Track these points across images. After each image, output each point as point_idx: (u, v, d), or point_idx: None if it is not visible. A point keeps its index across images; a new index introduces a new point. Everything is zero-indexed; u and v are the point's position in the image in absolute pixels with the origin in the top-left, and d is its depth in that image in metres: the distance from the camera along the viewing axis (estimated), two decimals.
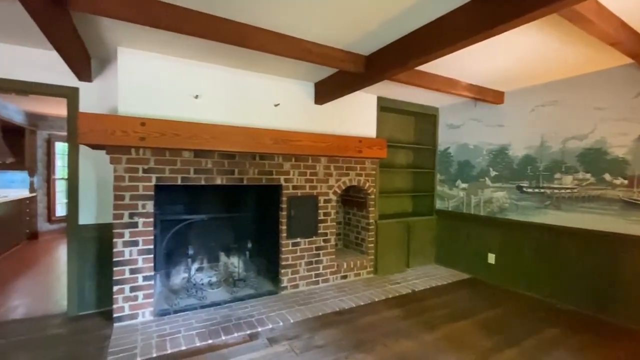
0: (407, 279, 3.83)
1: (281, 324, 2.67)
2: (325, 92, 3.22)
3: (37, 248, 5.20)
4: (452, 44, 1.92)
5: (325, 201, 3.48)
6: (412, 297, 3.35)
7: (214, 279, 3.39)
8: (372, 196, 3.83)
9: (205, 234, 3.41)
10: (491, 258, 3.79)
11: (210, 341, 2.38)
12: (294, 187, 3.28)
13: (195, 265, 3.38)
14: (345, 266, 3.66)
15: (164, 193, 2.82)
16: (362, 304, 3.11)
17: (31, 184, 5.68)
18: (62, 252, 4.99)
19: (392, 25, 2.10)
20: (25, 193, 5.51)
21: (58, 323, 2.67)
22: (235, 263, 3.51)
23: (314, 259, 3.44)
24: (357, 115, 3.70)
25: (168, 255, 3.22)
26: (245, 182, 3.02)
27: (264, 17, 2.02)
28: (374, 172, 3.81)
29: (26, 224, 5.49)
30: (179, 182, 2.73)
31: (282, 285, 3.28)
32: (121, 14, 1.72)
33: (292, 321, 2.72)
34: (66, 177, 6.07)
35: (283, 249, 3.28)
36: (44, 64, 2.63)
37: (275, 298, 3.17)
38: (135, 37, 2.32)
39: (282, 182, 3.21)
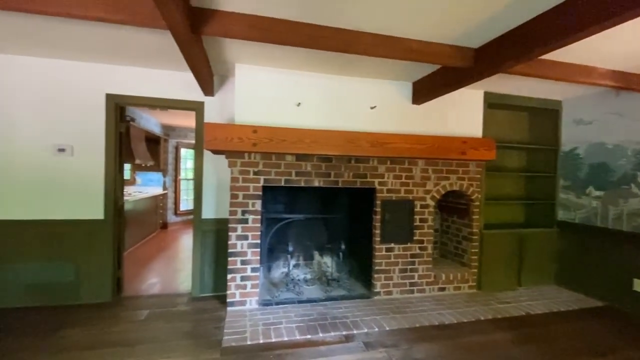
0: (519, 299, 3.34)
1: (376, 329, 2.62)
2: (424, 91, 3.06)
3: (167, 236, 6.29)
4: (596, 23, 1.60)
5: (422, 206, 3.30)
6: (527, 320, 2.90)
7: (308, 276, 3.54)
8: (477, 203, 3.47)
9: (302, 233, 3.60)
10: (638, 285, 3.03)
11: (308, 336, 2.48)
12: (389, 191, 3.20)
13: (293, 262, 3.59)
14: (443, 278, 3.40)
15: (268, 193, 3.09)
16: (465, 320, 2.84)
17: (164, 183, 6.92)
18: (185, 241, 5.92)
19: (509, 11, 1.87)
20: (159, 190, 6.73)
21: (184, 301, 3.16)
22: (328, 263, 3.61)
23: (408, 267, 3.30)
24: (460, 113, 3.41)
25: (269, 251, 3.50)
26: (340, 185, 3.08)
27: (368, 21, 2.03)
28: (479, 176, 3.45)
29: (160, 216, 6.70)
30: (282, 184, 2.95)
31: (375, 290, 3.23)
32: (246, 35, 1.94)
33: (387, 328, 2.65)
34: (190, 177, 7.14)
35: (376, 254, 3.23)
36: (179, 83, 3.16)
37: (367, 302, 3.14)
38: (250, 53, 2.59)
39: (377, 185, 3.17)
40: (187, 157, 7.54)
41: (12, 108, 2.87)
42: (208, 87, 2.98)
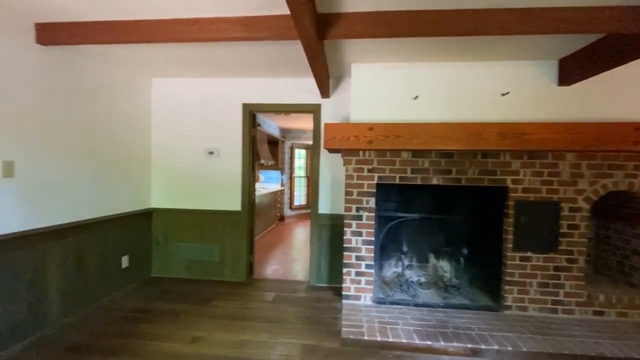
0: None
1: (509, 348, 2.29)
2: (577, 69, 2.50)
3: (284, 228, 6.96)
4: None
5: (572, 210, 2.71)
6: None
7: (423, 279, 3.36)
8: None
9: (416, 233, 3.43)
10: None
11: (429, 342, 2.35)
12: (525, 190, 2.75)
13: (406, 262, 3.47)
14: (601, 299, 2.73)
15: (381, 191, 3.06)
16: (637, 357, 2.21)
17: (281, 180, 7.68)
18: (299, 233, 6.44)
19: None
20: (277, 187, 7.50)
21: (303, 289, 3.42)
22: (445, 267, 3.35)
23: (550, 281, 2.77)
24: (631, 92, 2.67)
25: (381, 249, 3.47)
26: (463, 183, 2.81)
27: None
28: None
29: (277, 210, 7.46)
30: (397, 181, 2.87)
31: (505, 303, 2.83)
32: (369, 32, 1.96)
33: (524, 349, 2.28)
34: (302, 175, 7.68)
35: (508, 262, 2.82)
36: (299, 89, 3.43)
37: (495, 316, 2.77)
38: (366, 51, 2.61)
39: (509, 184, 2.76)
40: (300, 156, 8.17)
41: (176, 120, 3.63)
42: (325, 90, 3.13)
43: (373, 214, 2.92)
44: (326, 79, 2.99)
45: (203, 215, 3.61)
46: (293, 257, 4.72)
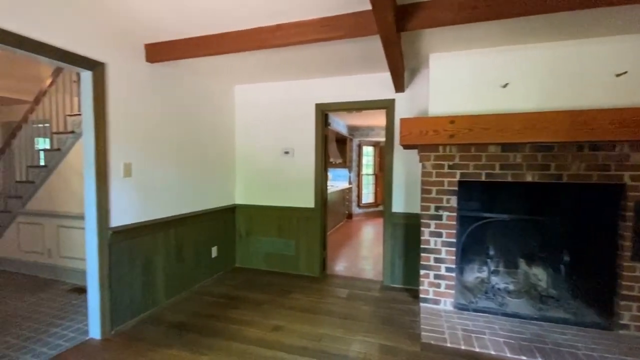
0: None
1: None
2: None
3: (352, 226, 6.97)
4: None
5: None
6: None
7: (511, 287, 3.03)
8: None
9: (504, 235, 3.11)
10: None
11: (523, 358, 2.11)
12: None
13: (491, 267, 3.17)
14: None
15: (463, 189, 2.84)
16: None
17: (349, 178, 7.70)
18: (368, 231, 6.39)
19: None
20: (345, 185, 7.54)
21: (377, 288, 3.37)
22: (539, 275, 2.97)
23: None
24: None
25: (462, 251, 3.23)
26: (565, 180, 2.45)
27: None
28: None
29: (345, 208, 7.50)
30: (483, 179, 2.64)
31: (621, 321, 2.40)
32: (454, 19, 1.83)
33: None
34: (370, 173, 7.58)
35: (624, 274, 2.38)
36: (371, 85, 3.37)
37: (606, 335, 2.37)
38: (447, 40, 2.44)
39: (627, 181, 2.32)
40: (368, 154, 8.08)
41: (256, 123, 3.89)
42: (400, 84, 3.03)
43: (454, 214, 2.74)
44: (401, 72, 2.88)
45: (280, 212, 3.81)
46: (363, 255, 4.69)
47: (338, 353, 2.21)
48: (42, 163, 3.83)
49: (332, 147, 6.50)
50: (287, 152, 3.73)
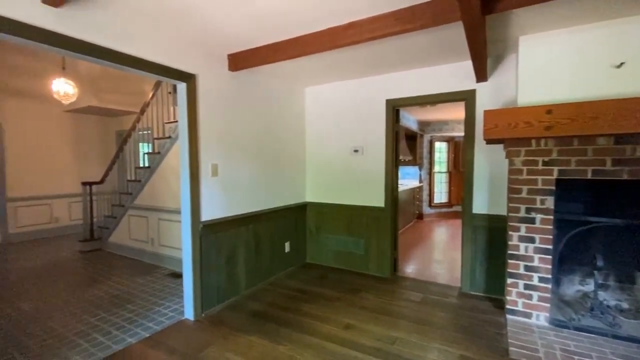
0: None
1: None
2: None
3: (423, 227, 6.63)
4: None
5: None
6: None
7: (625, 305, 2.54)
8: None
9: (616, 243, 2.61)
10: None
11: None
12: None
13: (599, 280, 2.70)
14: None
15: (562, 188, 2.46)
16: None
17: (419, 176, 7.34)
18: (441, 232, 6.01)
19: None
20: (415, 183, 7.21)
21: (455, 294, 3.14)
22: None
23: None
24: None
25: (560, 260, 2.81)
26: None
27: None
28: None
29: (415, 207, 7.17)
30: (589, 176, 2.25)
31: None
32: None
33: None
34: (444, 170, 7.11)
35: None
36: (447, 76, 3.15)
37: None
38: (542, 19, 2.14)
39: None
40: (440, 150, 7.60)
41: (325, 123, 3.96)
42: (482, 73, 2.76)
43: (550, 217, 2.40)
44: (484, 59, 2.63)
45: (349, 210, 3.81)
46: (436, 258, 4.43)
47: (413, 359, 2.12)
48: (146, 164, 4.47)
49: (402, 144, 6.26)
50: (356, 151, 3.72)
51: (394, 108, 3.49)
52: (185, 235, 2.67)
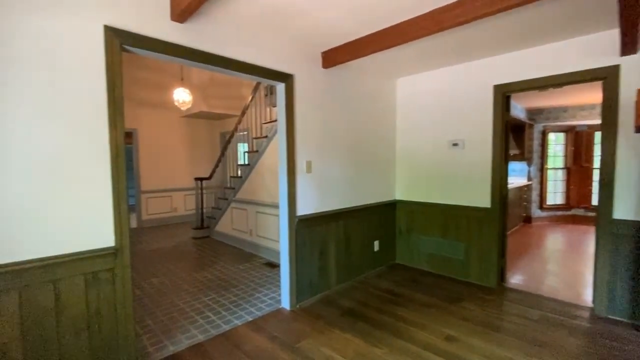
0: None
1: None
2: None
3: (531, 232, 5.73)
4: None
5: None
6: None
7: None
8: None
9: None
10: None
11: None
12: None
13: None
14: None
15: None
16: None
17: (528, 173, 6.36)
18: (555, 240, 5.09)
19: None
20: (523, 181, 6.27)
21: (585, 317, 2.59)
22: None
23: None
24: None
25: None
26: None
27: None
28: None
29: (522, 209, 6.24)
30: None
31: None
32: None
33: None
34: (560, 166, 6.03)
35: None
36: (574, 53, 2.60)
37: None
38: None
39: None
40: (557, 141, 6.45)
41: (418, 115, 3.70)
42: (632, 42, 2.18)
43: None
44: (637, 25, 2.07)
45: (446, 210, 3.50)
46: (552, 269, 3.74)
47: None
48: (246, 162, 4.90)
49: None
50: (455, 144, 3.38)
51: (504, 94, 3.04)
52: (282, 228, 2.80)
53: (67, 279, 1.65)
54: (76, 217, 1.67)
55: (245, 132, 5.74)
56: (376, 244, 3.69)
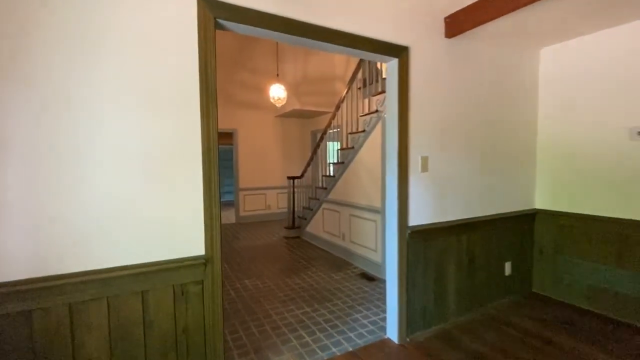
0: None
1: None
2: None
3: None
4: None
5: None
6: None
7: None
8: None
9: None
10: None
11: None
12: None
13: None
14: None
15: None
16: None
17: None
18: None
19: None
20: None
21: None
22: None
23: None
24: None
25: None
26: None
27: None
28: None
29: None
30: None
31: None
32: None
33: None
34: None
35: None
36: None
37: None
38: None
39: None
40: None
41: (573, 96, 2.69)
42: None
43: None
44: None
45: (621, 227, 2.44)
46: None
47: None
48: (338, 160, 4.52)
49: None
50: None
51: None
52: (389, 240, 2.26)
53: (156, 291, 1.44)
54: (165, 220, 1.45)
55: (337, 130, 5.39)
56: (507, 266, 2.84)
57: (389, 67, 2.19)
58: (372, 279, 3.46)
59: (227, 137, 7.38)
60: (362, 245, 3.86)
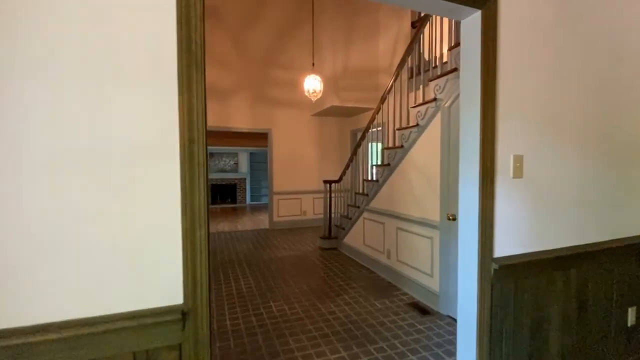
0: None
1: None
2: None
3: None
4: None
5: None
6: None
7: None
8: None
9: None
10: None
11: None
12: None
13: None
14: None
15: None
16: None
17: None
18: None
19: None
20: None
21: None
22: None
23: None
24: None
25: None
26: None
27: None
28: None
29: None
30: None
31: None
32: None
33: None
34: None
35: None
36: None
37: None
38: None
39: None
40: None
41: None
42: None
43: None
44: None
45: None
46: None
47: None
48: (382, 162, 3.84)
49: None
50: None
51: None
52: (465, 277, 1.57)
53: None
54: (121, 252, 0.93)
55: (380, 128, 4.70)
56: (631, 313, 1.98)
57: (466, 26, 1.51)
58: (427, 312, 2.75)
59: (261, 138, 7.01)
60: (413, 267, 3.15)
